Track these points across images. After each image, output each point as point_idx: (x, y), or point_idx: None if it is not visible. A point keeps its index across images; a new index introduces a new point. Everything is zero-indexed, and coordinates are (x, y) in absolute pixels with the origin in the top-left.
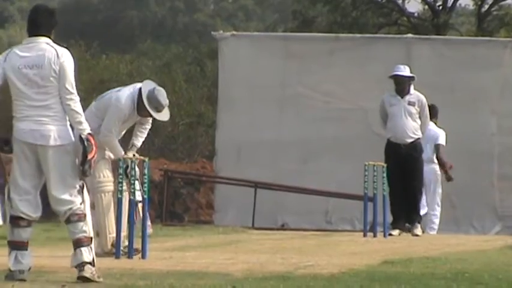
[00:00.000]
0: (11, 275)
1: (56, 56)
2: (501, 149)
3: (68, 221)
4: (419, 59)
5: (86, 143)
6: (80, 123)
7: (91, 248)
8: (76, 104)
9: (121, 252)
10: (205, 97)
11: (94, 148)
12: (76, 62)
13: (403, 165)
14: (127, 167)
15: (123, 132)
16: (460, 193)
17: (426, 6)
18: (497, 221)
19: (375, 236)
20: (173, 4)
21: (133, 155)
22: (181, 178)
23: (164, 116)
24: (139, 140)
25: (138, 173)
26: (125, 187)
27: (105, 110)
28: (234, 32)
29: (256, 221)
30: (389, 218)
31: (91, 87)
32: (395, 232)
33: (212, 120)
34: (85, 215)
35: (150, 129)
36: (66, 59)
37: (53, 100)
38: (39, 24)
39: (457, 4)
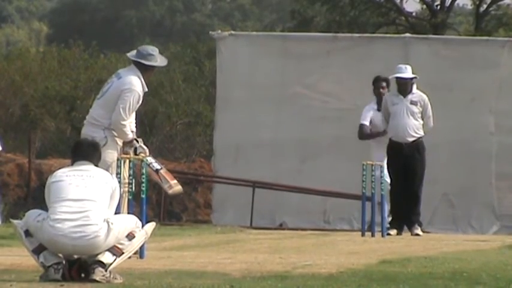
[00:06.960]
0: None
1: None
2: (499, 148)
3: None
4: (417, 58)
5: None
6: None
7: (117, 257)
8: None
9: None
10: (204, 97)
11: None
12: (75, 62)
13: (405, 164)
14: (135, 148)
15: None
16: (458, 193)
17: (424, 6)
18: (495, 221)
19: (373, 235)
20: (171, 4)
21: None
22: (179, 178)
23: (163, 61)
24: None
25: (147, 150)
26: (125, 188)
27: (115, 102)
28: (232, 32)
29: (254, 221)
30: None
31: (89, 87)
32: (393, 232)
33: (210, 119)
34: (134, 236)
35: (148, 129)
36: None
37: None
38: None
39: (455, 4)
